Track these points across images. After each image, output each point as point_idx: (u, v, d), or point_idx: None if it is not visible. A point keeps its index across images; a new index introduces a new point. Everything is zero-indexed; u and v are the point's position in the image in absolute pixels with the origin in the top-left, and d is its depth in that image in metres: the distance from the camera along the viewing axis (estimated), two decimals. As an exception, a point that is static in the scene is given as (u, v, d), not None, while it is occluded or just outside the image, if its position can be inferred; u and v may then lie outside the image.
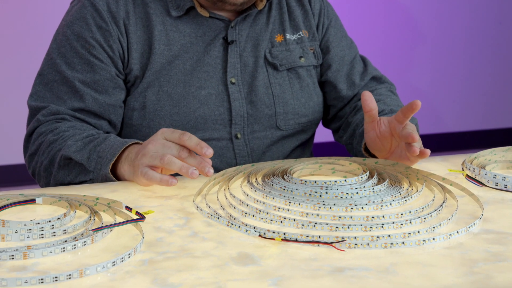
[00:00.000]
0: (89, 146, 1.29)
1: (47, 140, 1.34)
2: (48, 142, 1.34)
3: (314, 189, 1.13)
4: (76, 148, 1.29)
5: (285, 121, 1.49)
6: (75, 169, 1.30)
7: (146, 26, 1.43)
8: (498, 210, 1.11)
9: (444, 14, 3.88)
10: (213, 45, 1.45)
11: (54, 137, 1.34)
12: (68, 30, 1.42)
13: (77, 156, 1.29)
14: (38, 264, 0.90)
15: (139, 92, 1.42)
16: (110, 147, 1.27)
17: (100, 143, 1.29)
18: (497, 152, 1.34)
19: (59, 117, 1.37)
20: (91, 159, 1.27)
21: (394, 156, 1.29)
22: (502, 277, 0.87)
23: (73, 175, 1.30)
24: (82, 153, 1.29)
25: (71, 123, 1.36)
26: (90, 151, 1.28)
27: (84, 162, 1.28)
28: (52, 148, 1.33)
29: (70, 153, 1.29)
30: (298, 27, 1.53)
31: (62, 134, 1.33)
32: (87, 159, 1.28)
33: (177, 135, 1.16)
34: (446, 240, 0.98)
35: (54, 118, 1.37)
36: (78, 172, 1.30)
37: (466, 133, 4.01)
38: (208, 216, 1.07)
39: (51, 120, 1.37)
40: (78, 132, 1.33)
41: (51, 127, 1.36)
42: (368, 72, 1.60)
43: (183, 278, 0.87)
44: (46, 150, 1.34)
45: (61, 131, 1.34)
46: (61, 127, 1.35)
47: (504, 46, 3.98)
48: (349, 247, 0.96)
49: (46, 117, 1.37)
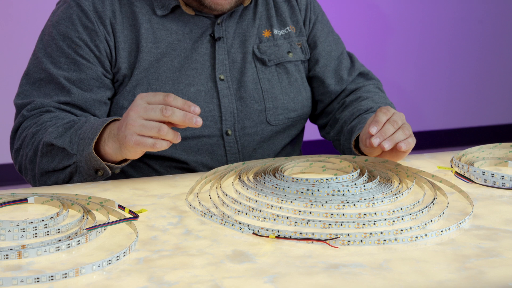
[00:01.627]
0: (70, 131, 1.28)
1: (30, 132, 1.34)
2: (32, 133, 1.34)
3: (306, 187, 1.13)
4: (57, 134, 1.29)
5: (275, 116, 1.50)
6: (58, 155, 1.29)
7: (133, 25, 1.43)
8: (488, 206, 1.12)
9: (426, 13, 3.90)
10: (201, 42, 1.46)
11: (37, 128, 1.33)
12: (54, 30, 1.41)
13: (58, 141, 1.28)
14: (33, 263, 0.90)
15: (128, 90, 1.42)
16: (91, 128, 1.26)
17: (81, 126, 1.28)
18: (485, 149, 1.36)
19: (44, 110, 1.37)
20: (73, 142, 1.27)
21: (386, 152, 1.30)
22: (494, 273, 0.88)
23: (57, 161, 1.30)
24: (64, 138, 1.28)
25: (54, 114, 1.35)
26: (71, 135, 1.27)
27: (66, 146, 1.27)
28: (35, 139, 1.33)
29: (52, 139, 1.28)
30: (285, 22, 1.54)
31: (44, 124, 1.33)
32: (69, 143, 1.27)
33: (161, 97, 1.14)
34: (438, 236, 0.99)
35: (38, 111, 1.37)
36: (61, 158, 1.29)
37: (449, 131, 4.04)
38: (201, 215, 1.07)
39: (36, 113, 1.37)
40: (59, 120, 1.32)
41: (35, 120, 1.35)
42: (356, 68, 1.61)
43: (179, 276, 0.87)
44: (30, 142, 1.34)
45: (43, 121, 1.34)
46: (44, 118, 1.35)
47: (485, 44, 4.01)
48: (343, 244, 0.96)
49: (30, 112, 1.37)
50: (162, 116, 1.13)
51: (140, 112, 1.15)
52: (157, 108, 1.14)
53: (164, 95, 1.14)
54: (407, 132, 1.26)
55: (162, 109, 1.13)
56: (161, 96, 1.15)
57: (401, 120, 1.27)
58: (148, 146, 1.15)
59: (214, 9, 1.42)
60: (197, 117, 1.13)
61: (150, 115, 1.14)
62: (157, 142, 1.14)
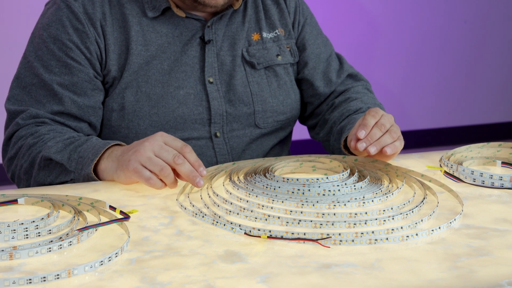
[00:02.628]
0: (69, 147, 1.29)
1: (27, 143, 1.33)
2: (28, 145, 1.33)
3: (296, 187, 1.14)
4: (56, 149, 1.29)
5: (263, 119, 1.50)
6: (55, 169, 1.29)
7: (123, 27, 1.42)
8: (477, 205, 1.13)
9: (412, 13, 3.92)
10: (190, 45, 1.46)
11: (34, 140, 1.33)
12: (45, 32, 1.41)
13: (57, 156, 1.28)
14: (24, 264, 0.90)
15: (117, 93, 1.42)
16: (92, 148, 1.26)
17: (81, 144, 1.29)
18: (473, 149, 1.37)
19: (39, 121, 1.37)
20: (72, 159, 1.27)
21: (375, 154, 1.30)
22: (485, 271, 0.89)
23: (54, 176, 1.30)
24: (63, 153, 1.28)
25: (51, 127, 1.36)
26: (70, 151, 1.28)
27: (64, 163, 1.27)
28: (32, 151, 1.32)
29: (51, 153, 1.28)
30: (274, 25, 1.54)
31: (42, 137, 1.33)
32: (67, 159, 1.27)
33: (180, 145, 1.18)
34: (428, 235, 1.00)
35: (34, 121, 1.36)
36: (59, 173, 1.29)
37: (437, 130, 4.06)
38: (192, 215, 1.07)
39: (31, 123, 1.36)
40: (58, 135, 1.33)
41: (31, 131, 1.35)
42: (345, 70, 1.62)
43: (172, 277, 0.87)
44: (26, 153, 1.33)
45: (42, 134, 1.33)
46: (41, 130, 1.34)
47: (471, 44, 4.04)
48: (334, 243, 0.97)
49: (25, 121, 1.36)
50: (172, 161, 1.16)
51: (155, 147, 1.18)
52: (171, 152, 1.17)
53: (183, 144, 1.19)
54: (394, 135, 1.27)
55: (175, 156, 1.16)
56: (180, 144, 1.19)
57: (389, 123, 1.28)
58: (144, 178, 1.17)
59: (208, 5, 1.41)
60: (201, 179, 1.16)
61: (162, 155, 1.17)
62: (152, 178, 1.17)
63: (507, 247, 0.96)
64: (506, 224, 1.04)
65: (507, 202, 1.14)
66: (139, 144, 1.20)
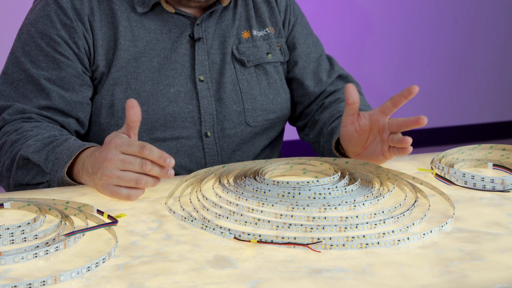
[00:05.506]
0: (48, 147, 1.27)
1: (10, 139, 1.32)
2: (11, 141, 1.32)
3: (287, 190, 1.12)
4: (35, 149, 1.27)
5: (253, 118, 1.49)
6: (33, 170, 1.28)
7: (111, 22, 1.42)
8: (469, 208, 1.12)
9: (403, 13, 3.91)
10: (180, 42, 1.45)
11: (17, 137, 1.31)
12: (32, 28, 1.40)
13: (34, 156, 1.26)
14: (10, 270, 0.88)
15: (106, 89, 1.41)
16: (67, 149, 1.24)
17: (59, 144, 1.26)
18: (464, 151, 1.36)
19: (26, 116, 1.35)
20: (49, 160, 1.25)
21: (368, 151, 1.29)
22: (478, 276, 0.88)
23: (31, 176, 1.28)
24: (40, 154, 1.26)
25: (36, 123, 1.34)
26: (48, 152, 1.26)
27: (41, 163, 1.25)
28: (14, 148, 1.31)
29: (28, 153, 1.27)
30: (264, 23, 1.53)
31: (25, 133, 1.31)
32: (44, 160, 1.25)
33: (137, 149, 1.11)
34: (420, 239, 0.99)
35: (20, 117, 1.35)
36: (36, 173, 1.27)
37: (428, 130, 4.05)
38: (181, 219, 1.06)
39: (17, 119, 1.35)
40: (41, 132, 1.31)
41: (16, 127, 1.33)
42: (335, 70, 1.61)
43: (160, 283, 0.86)
44: (8, 149, 1.32)
45: (25, 130, 1.32)
46: (26, 126, 1.33)
47: (463, 44, 4.04)
48: (325, 248, 0.96)
49: (12, 116, 1.35)
50: (141, 171, 1.12)
51: (117, 164, 1.12)
52: (135, 162, 1.11)
53: (139, 147, 1.11)
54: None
55: (141, 164, 1.11)
56: (137, 148, 1.11)
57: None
58: (124, 197, 1.13)
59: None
60: (171, 170, 1.12)
61: (128, 168, 1.12)
62: (132, 194, 1.13)
63: (499, 251, 0.95)
64: (498, 228, 1.04)
65: (498, 205, 1.13)
66: (100, 165, 1.14)
